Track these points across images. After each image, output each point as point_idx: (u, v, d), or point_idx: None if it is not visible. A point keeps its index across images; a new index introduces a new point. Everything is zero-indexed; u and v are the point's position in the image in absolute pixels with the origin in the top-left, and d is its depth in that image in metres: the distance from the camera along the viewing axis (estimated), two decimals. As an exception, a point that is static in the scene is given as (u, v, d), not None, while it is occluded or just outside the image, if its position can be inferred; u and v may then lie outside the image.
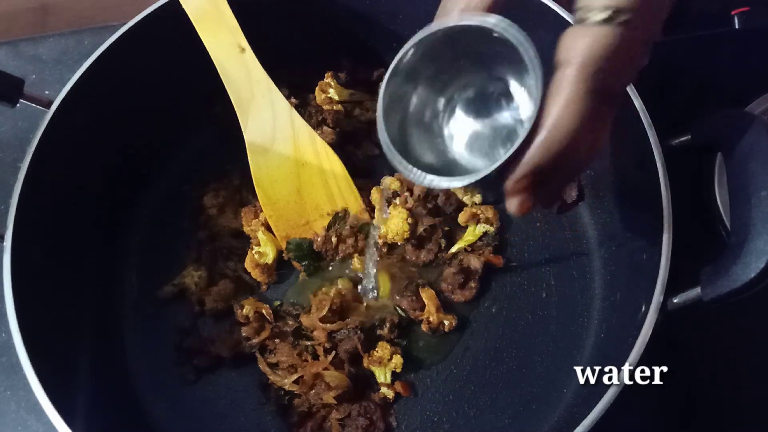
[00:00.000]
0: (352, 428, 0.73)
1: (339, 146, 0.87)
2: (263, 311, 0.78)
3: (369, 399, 0.75)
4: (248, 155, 0.75)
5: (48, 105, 0.73)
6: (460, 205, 0.83)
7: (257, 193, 0.78)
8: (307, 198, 0.78)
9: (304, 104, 0.91)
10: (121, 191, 0.84)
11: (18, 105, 0.74)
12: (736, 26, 0.95)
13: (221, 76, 0.74)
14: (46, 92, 0.75)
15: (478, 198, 0.84)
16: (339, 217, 0.80)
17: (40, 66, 0.96)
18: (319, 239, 0.80)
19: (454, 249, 0.81)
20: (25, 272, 0.68)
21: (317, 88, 0.89)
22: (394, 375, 0.76)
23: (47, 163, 0.72)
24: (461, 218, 0.83)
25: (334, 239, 0.80)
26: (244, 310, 0.78)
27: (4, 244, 0.68)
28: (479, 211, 0.82)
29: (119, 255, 0.84)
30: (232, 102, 0.73)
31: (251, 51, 0.75)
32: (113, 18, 0.93)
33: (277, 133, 0.73)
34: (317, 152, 0.76)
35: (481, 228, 0.82)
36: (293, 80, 0.91)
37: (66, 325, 0.73)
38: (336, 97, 0.88)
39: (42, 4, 1.06)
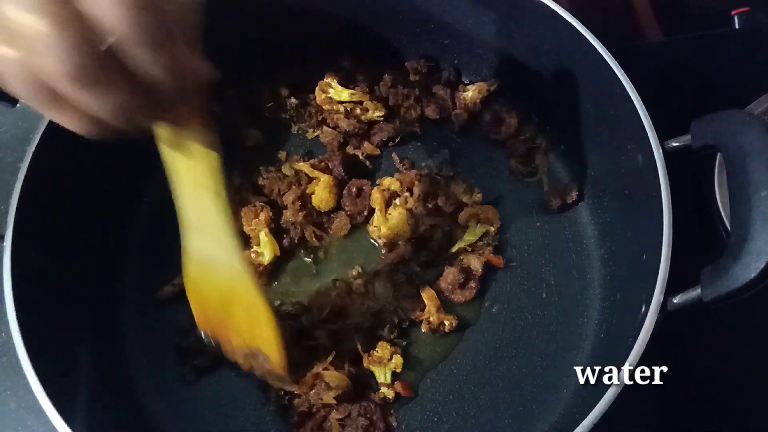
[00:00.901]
0: (352, 428, 0.73)
1: (338, 146, 0.88)
2: None
3: (369, 399, 0.75)
4: (183, 257, 0.68)
5: (48, 105, 0.73)
6: (460, 205, 0.83)
7: (184, 280, 0.70)
8: (229, 318, 0.71)
9: (304, 104, 0.91)
10: (122, 191, 0.84)
11: (18, 105, 0.74)
12: (736, 26, 0.95)
13: (174, 192, 0.65)
14: (46, 92, 0.75)
15: (478, 197, 0.84)
16: (257, 354, 0.71)
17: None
18: (233, 358, 0.72)
19: (454, 249, 0.81)
20: (25, 272, 0.68)
21: (317, 88, 0.89)
22: (394, 375, 0.76)
23: (47, 163, 0.72)
24: (461, 218, 0.83)
25: (247, 365, 0.72)
26: None
27: (4, 244, 0.68)
28: (479, 211, 0.82)
29: (119, 255, 0.84)
30: (179, 220, 0.67)
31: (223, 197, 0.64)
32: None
33: (218, 265, 0.67)
34: (247, 294, 0.68)
35: (481, 228, 0.82)
36: (293, 80, 0.91)
37: (66, 325, 0.73)
38: (336, 97, 0.88)
39: (42, 4, 1.06)
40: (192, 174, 0.61)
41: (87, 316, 0.77)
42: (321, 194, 0.83)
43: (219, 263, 0.66)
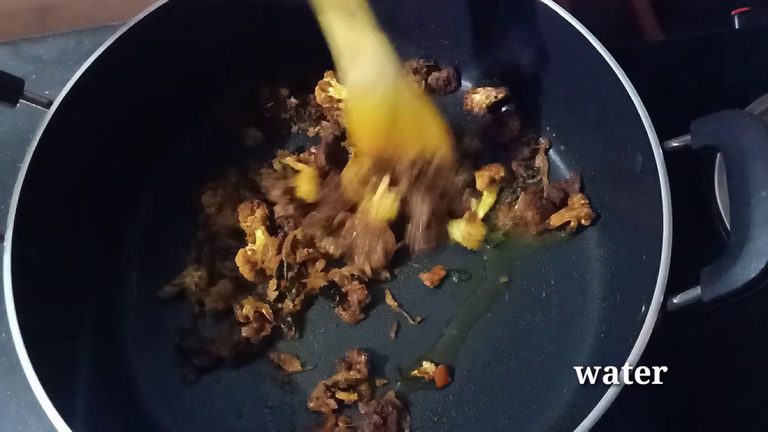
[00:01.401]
0: (365, 424, 0.73)
1: (334, 140, 0.87)
2: (263, 311, 0.78)
3: (387, 400, 0.75)
4: (346, 95, 0.78)
5: (48, 105, 0.73)
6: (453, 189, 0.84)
7: (347, 115, 0.80)
8: (396, 137, 0.78)
9: (304, 104, 0.91)
10: (121, 191, 0.84)
11: (18, 105, 0.74)
12: (736, 26, 0.95)
13: (326, 35, 0.73)
14: (46, 92, 0.75)
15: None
16: (425, 158, 0.79)
17: (40, 66, 0.96)
18: (403, 166, 0.79)
19: (481, 213, 0.83)
20: (25, 272, 0.68)
21: (317, 87, 0.89)
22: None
23: (47, 163, 0.72)
24: (479, 184, 0.83)
25: (414, 172, 0.79)
26: (244, 310, 0.78)
27: (4, 244, 0.68)
28: (492, 172, 0.83)
29: (119, 255, 0.84)
30: (332, 53, 0.74)
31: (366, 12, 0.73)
32: (113, 18, 0.93)
33: (379, 85, 0.74)
34: (416, 112, 0.77)
35: (496, 186, 0.84)
36: (293, 80, 0.91)
37: (66, 325, 0.73)
38: (336, 95, 0.88)
39: (42, 4, 1.06)
40: (344, 5, 0.72)
41: (87, 316, 0.77)
42: (304, 186, 0.83)
43: (380, 82, 0.73)
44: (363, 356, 0.75)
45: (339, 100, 0.88)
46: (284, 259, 0.79)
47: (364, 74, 0.73)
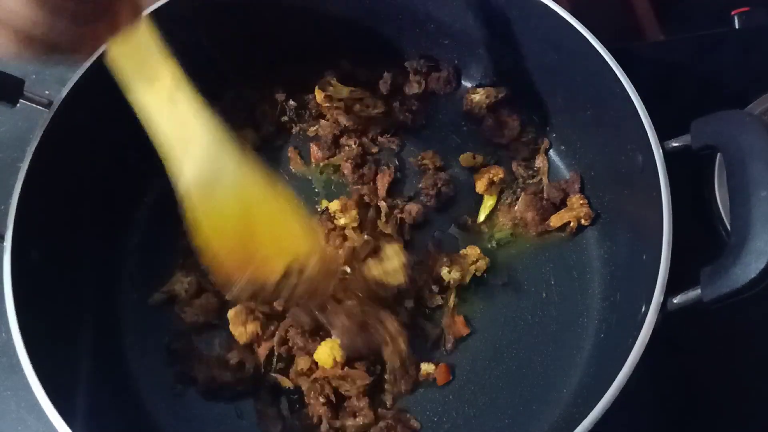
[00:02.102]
0: None
1: (334, 139, 0.88)
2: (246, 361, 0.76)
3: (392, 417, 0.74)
4: (184, 206, 0.62)
5: (48, 105, 0.73)
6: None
7: (196, 243, 0.63)
8: (255, 250, 0.64)
9: (303, 106, 0.90)
10: (121, 191, 0.84)
11: (18, 105, 0.74)
12: (736, 26, 0.95)
13: (147, 127, 0.60)
14: (46, 92, 0.75)
15: (480, 159, 0.85)
16: (295, 273, 0.65)
17: (40, 66, 0.96)
18: (264, 293, 0.66)
19: (482, 216, 0.83)
20: (25, 272, 0.68)
21: (317, 87, 0.89)
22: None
23: (47, 163, 0.72)
24: (479, 188, 0.83)
25: (284, 295, 0.67)
26: (230, 355, 0.76)
27: (4, 244, 0.68)
28: (491, 175, 0.83)
29: (119, 255, 0.84)
30: (159, 153, 0.61)
31: (186, 89, 0.61)
32: (113, 18, 0.93)
33: (221, 180, 0.61)
34: (268, 201, 0.63)
35: (496, 188, 0.84)
36: (293, 81, 0.91)
37: (66, 325, 0.73)
38: (336, 95, 0.88)
39: (42, 4, 1.06)
40: (158, 89, 0.58)
41: (87, 316, 0.77)
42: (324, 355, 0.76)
43: (223, 178, 0.60)
44: (364, 400, 0.74)
45: (339, 99, 0.88)
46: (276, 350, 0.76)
47: (202, 167, 0.60)
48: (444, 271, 0.79)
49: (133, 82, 0.58)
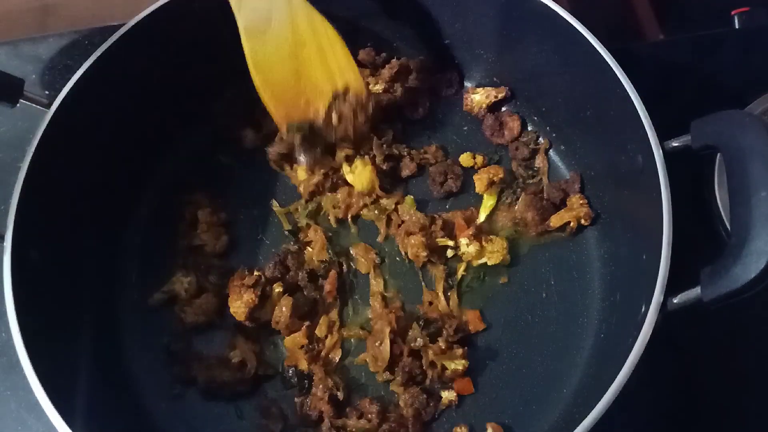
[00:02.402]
0: None
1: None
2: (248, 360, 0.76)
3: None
4: (243, 41, 0.73)
5: (48, 105, 0.73)
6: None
7: (253, 78, 0.75)
8: (305, 78, 0.76)
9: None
10: (121, 191, 0.84)
11: (18, 105, 0.74)
12: (736, 26, 0.95)
13: None
14: (46, 92, 0.75)
15: (480, 159, 0.86)
16: (339, 96, 0.77)
17: (40, 66, 0.96)
18: (320, 119, 0.78)
19: (482, 216, 0.83)
20: (25, 272, 0.68)
21: None
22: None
23: (47, 163, 0.72)
24: (479, 188, 0.83)
25: (335, 119, 0.78)
26: (232, 353, 0.77)
27: (4, 244, 0.68)
28: (491, 174, 0.83)
29: (119, 255, 0.83)
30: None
31: None
32: (113, 18, 0.93)
33: (274, 14, 0.72)
34: (315, 30, 0.75)
35: (496, 188, 0.84)
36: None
37: (66, 325, 0.73)
38: None
39: (42, 4, 1.06)
40: None
41: (87, 317, 0.77)
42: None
43: (276, 17, 0.71)
44: (375, 406, 0.73)
45: None
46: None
47: (257, 3, 0.71)
48: (463, 242, 0.79)
49: None
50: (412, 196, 0.84)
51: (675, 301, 0.62)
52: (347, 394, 0.75)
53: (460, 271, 0.81)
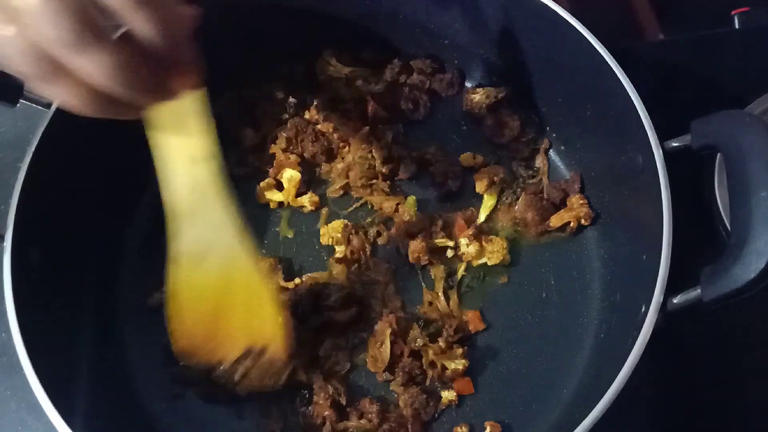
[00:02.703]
0: None
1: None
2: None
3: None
4: (169, 264, 0.64)
5: (48, 105, 0.73)
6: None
7: (167, 304, 0.66)
8: (222, 325, 0.66)
9: (303, 104, 0.90)
10: (122, 191, 0.84)
11: (18, 105, 0.74)
12: (736, 26, 0.95)
13: (160, 180, 0.60)
14: (46, 92, 0.75)
15: (480, 159, 0.86)
16: (252, 354, 0.67)
17: (40, 66, 0.96)
18: (221, 369, 0.68)
19: (483, 216, 0.83)
20: (25, 272, 0.68)
21: (318, 67, 0.89)
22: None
23: (47, 163, 0.72)
24: (479, 188, 0.83)
25: (238, 374, 0.68)
26: None
27: (4, 244, 0.68)
28: (491, 175, 0.83)
29: (119, 255, 0.84)
30: (166, 208, 0.62)
31: (213, 162, 0.60)
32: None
33: (211, 254, 0.63)
34: (249, 285, 0.64)
35: (496, 188, 0.84)
36: (292, 81, 0.91)
37: (66, 324, 0.73)
38: (335, 74, 0.88)
39: (42, 4, 1.06)
40: (185, 148, 0.58)
41: (87, 316, 0.77)
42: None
43: (216, 249, 0.62)
44: (375, 406, 0.73)
45: (338, 78, 0.89)
46: None
47: (199, 236, 0.62)
48: (463, 242, 0.79)
49: (164, 139, 0.58)
50: (414, 197, 0.84)
51: (675, 301, 0.62)
52: (347, 397, 0.75)
53: (460, 271, 0.81)
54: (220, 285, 0.64)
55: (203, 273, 0.63)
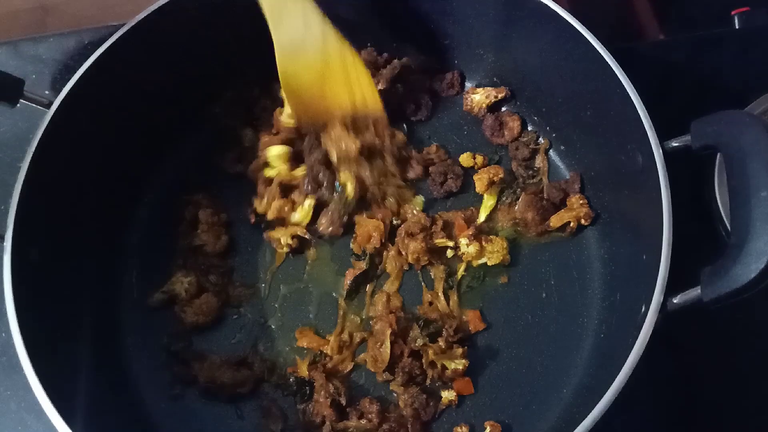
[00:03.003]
0: None
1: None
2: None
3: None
4: (276, 54, 0.78)
5: (48, 105, 0.73)
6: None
7: (282, 86, 0.81)
8: (329, 95, 0.81)
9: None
10: (121, 191, 0.84)
11: (18, 105, 0.74)
12: (736, 26, 0.95)
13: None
14: (46, 92, 0.75)
15: (480, 159, 0.86)
16: (358, 113, 0.82)
17: (40, 66, 0.96)
18: (337, 123, 0.82)
19: (483, 216, 0.83)
20: (25, 272, 0.68)
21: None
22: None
23: (47, 163, 0.72)
24: (479, 187, 0.83)
25: (350, 127, 0.82)
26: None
27: (4, 244, 0.68)
28: (491, 174, 0.83)
29: (119, 255, 0.83)
30: (264, 8, 0.76)
31: None
32: (113, 18, 0.93)
33: (308, 40, 0.78)
34: (344, 61, 0.80)
35: (496, 188, 0.84)
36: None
37: (66, 325, 0.73)
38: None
39: (42, 4, 1.06)
40: None
41: (87, 317, 0.77)
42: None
43: (309, 37, 0.78)
44: (375, 406, 0.73)
45: None
46: None
47: (294, 30, 0.77)
48: (463, 242, 0.79)
49: None
50: (422, 197, 0.84)
51: (675, 301, 0.62)
52: (348, 396, 0.75)
53: (460, 272, 0.81)
54: (320, 67, 0.79)
55: (305, 58, 0.78)
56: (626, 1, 1.04)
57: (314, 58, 0.79)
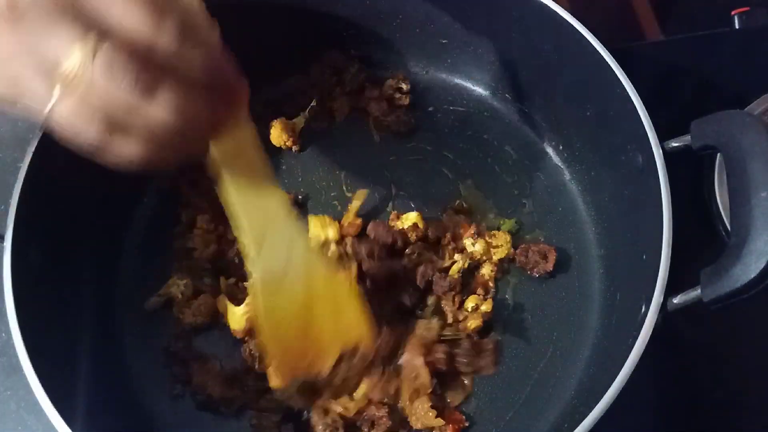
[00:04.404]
0: None
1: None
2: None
3: None
4: (257, 296, 0.66)
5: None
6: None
7: (261, 333, 0.67)
8: (314, 336, 0.68)
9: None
10: (122, 191, 0.84)
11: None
12: (736, 26, 0.95)
13: (231, 216, 0.63)
14: (46, 92, 0.75)
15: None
16: (346, 355, 0.68)
17: (40, 66, 0.96)
18: (323, 377, 0.68)
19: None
20: (25, 272, 0.68)
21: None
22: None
23: (47, 163, 0.72)
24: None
25: (338, 378, 0.69)
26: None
27: (4, 244, 0.68)
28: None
29: (119, 255, 0.83)
30: (240, 243, 0.66)
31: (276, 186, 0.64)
32: None
33: (290, 269, 0.65)
34: (331, 286, 0.68)
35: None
36: (294, 81, 0.91)
37: (66, 324, 0.73)
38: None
39: None
40: (246, 176, 0.62)
41: (87, 316, 0.77)
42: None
43: (293, 264, 0.65)
44: (384, 410, 0.72)
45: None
46: None
47: (275, 255, 0.64)
48: (468, 242, 0.79)
49: (226, 174, 0.61)
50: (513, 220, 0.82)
51: (675, 301, 0.62)
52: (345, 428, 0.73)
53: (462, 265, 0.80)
54: (304, 299, 0.66)
55: (286, 293, 0.65)
56: (626, 1, 1.04)
57: (297, 289, 0.65)
